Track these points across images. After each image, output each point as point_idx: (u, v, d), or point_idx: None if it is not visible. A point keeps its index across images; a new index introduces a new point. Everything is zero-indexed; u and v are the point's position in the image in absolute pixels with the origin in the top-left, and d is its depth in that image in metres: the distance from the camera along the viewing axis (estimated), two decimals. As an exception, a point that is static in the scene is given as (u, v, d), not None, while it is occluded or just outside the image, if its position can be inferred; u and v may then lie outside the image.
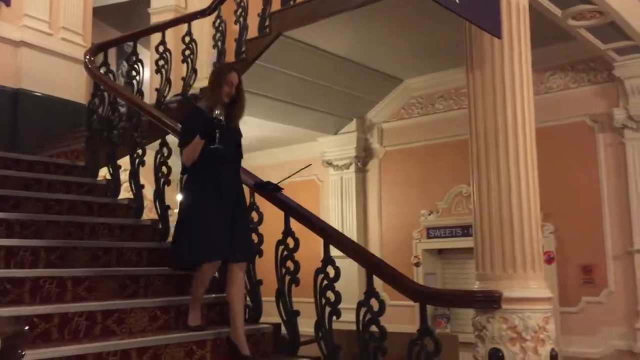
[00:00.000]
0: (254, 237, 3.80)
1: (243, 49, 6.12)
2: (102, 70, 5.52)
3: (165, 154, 4.57)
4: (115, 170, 5.00)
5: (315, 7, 5.64)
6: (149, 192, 4.85)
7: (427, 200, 7.28)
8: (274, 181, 3.71)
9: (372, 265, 3.43)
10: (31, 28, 7.07)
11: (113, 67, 6.44)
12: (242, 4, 6.19)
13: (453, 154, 6.99)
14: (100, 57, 5.58)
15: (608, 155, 6.14)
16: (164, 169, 4.56)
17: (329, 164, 7.90)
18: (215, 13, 6.25)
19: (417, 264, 7.25)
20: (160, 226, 4.57)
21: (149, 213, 5.29)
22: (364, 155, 7.82)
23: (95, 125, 5.24)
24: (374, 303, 3.40)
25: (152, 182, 4.61)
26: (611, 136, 6.13)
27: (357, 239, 7.53)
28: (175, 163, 4.59)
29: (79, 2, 7.76)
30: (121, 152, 5.08)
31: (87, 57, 5.38)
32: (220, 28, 6.25)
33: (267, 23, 5.99)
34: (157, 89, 5.92)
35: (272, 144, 8.18)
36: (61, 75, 7.20)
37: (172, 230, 4.49)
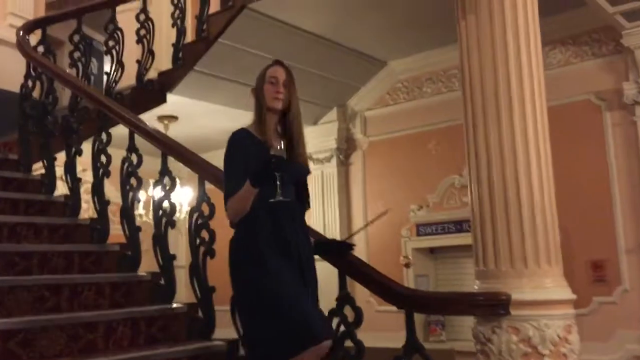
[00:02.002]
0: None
1: (204, 26, 5.44)
2: (40, 50, 4.81)
3: (104, 140, 3.87)
4: (50, 163, 4.28)
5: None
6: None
7: (416, 194, 6.58)
8: None
9: (345, 264, 2.73)
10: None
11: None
12: (202, -24, 5.50)
13: (444, 142, 6.33)
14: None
15: (617, 136, 5.46)
16: (103, 157, 3.85)
17: (309, 157, 7.17)
18: (175, -11, 5.57)
19: (407, 265, 6.54)
20: (98, 226, 3.86)
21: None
22: (346, 147, 7.12)
23: (28, 112, 4.53)
24: (349, 312, 2.71)
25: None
26: (620, 115, 5.45)
27: (340, 238, 6.81)
28: (115, 152, 3.90)
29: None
30: (59, 142, 4.36)
31: (21, 33, 4.67)
32: (180, 4, 5.56)
33: (231, -5, 5.32)
34: (106, 73, 5.21)
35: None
36: (8, 65, 6.45)
37: (112, 230, 3.89)
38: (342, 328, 2.68)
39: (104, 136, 3.86)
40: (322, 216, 7.02)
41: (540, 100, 2.65)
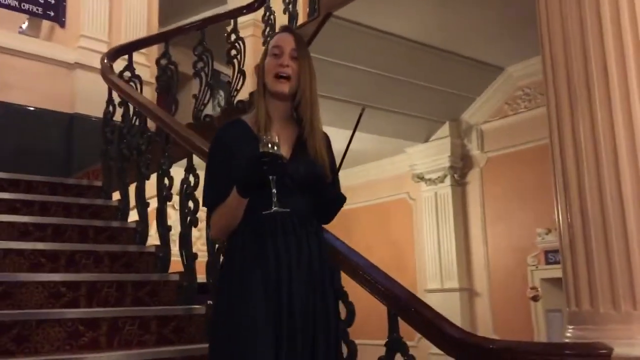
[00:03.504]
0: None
1: (293, 40, 5.13)
2: (126, 75, 4.76)
3: (166, 162, 3.63)
4: (125, 188, 4.13)
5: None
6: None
7: (543, 215, 5.71)
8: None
9: (392, 299, 2.16)
10: (87, 49, 6.58)
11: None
12: (291, -12, 5.22)
13: (574, 154, 5.43)
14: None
15: None
16: (166, 180, 3.61)
17: (421, 178, 6.59)
18: (264, 6, 5.36)
19: (534, 298, 5.68)
20: (160, 253, 3.60)
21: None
22: (461, 165, 6.43)
23: (108, 137, 4.44)
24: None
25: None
26: None
27: (457, 268, 6.14)
28: (179, 173, 3.64)
29: (142, 19, 7.26)
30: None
31: (105, 60, 4.64)
32: (270, 21, 5.32)
33: (317, 5, 4.98)
34: (194, 96, 5.05)
35: (354, 159, 7.02)
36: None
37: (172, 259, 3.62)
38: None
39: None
40: (436, 242, 6.36)
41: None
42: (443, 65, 5.79)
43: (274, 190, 1.70)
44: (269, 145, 1.66)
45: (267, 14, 5.31)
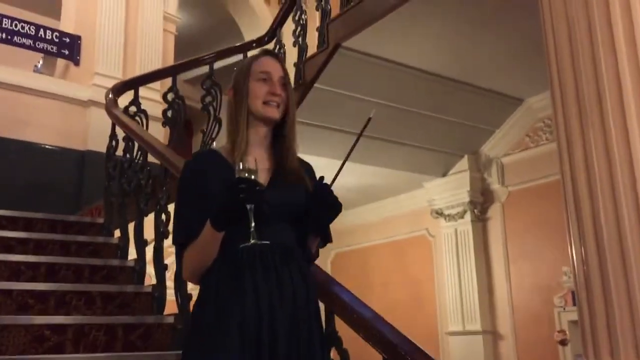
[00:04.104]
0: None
1: (301, 72, 5.01)
2: (132, 109, 4.66)
3: (165, 198, 3.48)
4: (125, 225, 3.99)
5: (375, 4, 4.38)
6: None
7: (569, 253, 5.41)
8: None
9: (387, 346, 1.93)
10: (101, 86, 6.55)
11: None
12: (300, 21, 5.13)
13: (600, 187, 5.15)
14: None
15: None
16: (164, 216, 3.45)
17: (440, 213, 6.34)
18: (275, 39, 5.27)
19: (562, 342, 5.32)
20: (156, 294, 3.41)
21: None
22: (481, 200, 6.17)
23: (110, 172, 4.33)
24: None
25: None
26: None
27: (479, 308, 5.83)
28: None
29: (157, 57, 7.26)
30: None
31: (110, 95, 4.56)
32: (280, 54, 5.22)
33: (326, 36, 4.86)
34: (202, 131, 4.93)
35: (370, 195, 6.81)
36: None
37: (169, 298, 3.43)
38: None
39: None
40: (457, 281, 6.07)
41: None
42: (460, 97, 5.60)
43: (252, 222, 1.52)
44: (245, 173, 1.50)
45: (277, 47, 5.21)
